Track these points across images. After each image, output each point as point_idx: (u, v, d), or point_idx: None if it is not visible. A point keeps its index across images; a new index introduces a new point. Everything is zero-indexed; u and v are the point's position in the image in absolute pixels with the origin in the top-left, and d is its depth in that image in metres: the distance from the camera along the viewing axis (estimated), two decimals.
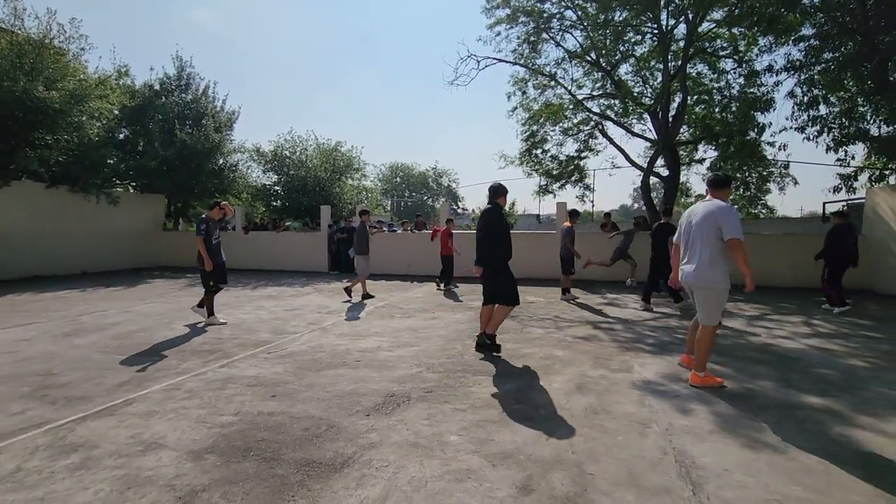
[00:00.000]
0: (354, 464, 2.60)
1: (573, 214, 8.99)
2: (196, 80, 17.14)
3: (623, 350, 5.13)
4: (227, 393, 3.75)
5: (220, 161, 17.09)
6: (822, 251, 7.88)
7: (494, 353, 4.89)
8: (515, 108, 15.60)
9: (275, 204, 19.07)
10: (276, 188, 18.89)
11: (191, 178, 15.92)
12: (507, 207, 26.12)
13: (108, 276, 12.70)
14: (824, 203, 13.52)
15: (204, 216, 6.46)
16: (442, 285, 10.24)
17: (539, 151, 15.70)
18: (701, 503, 2.21)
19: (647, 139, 15.11)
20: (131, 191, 17.04)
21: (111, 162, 14.17)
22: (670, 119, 13.23)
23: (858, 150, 10.74)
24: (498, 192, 5.07)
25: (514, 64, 14.77)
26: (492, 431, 3.02)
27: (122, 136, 15.65)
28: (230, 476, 2.48)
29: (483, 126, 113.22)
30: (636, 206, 56.40)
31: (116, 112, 14.71)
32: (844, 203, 13.17)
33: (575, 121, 15.28)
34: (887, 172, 10.51)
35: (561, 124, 15.27)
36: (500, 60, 14.76)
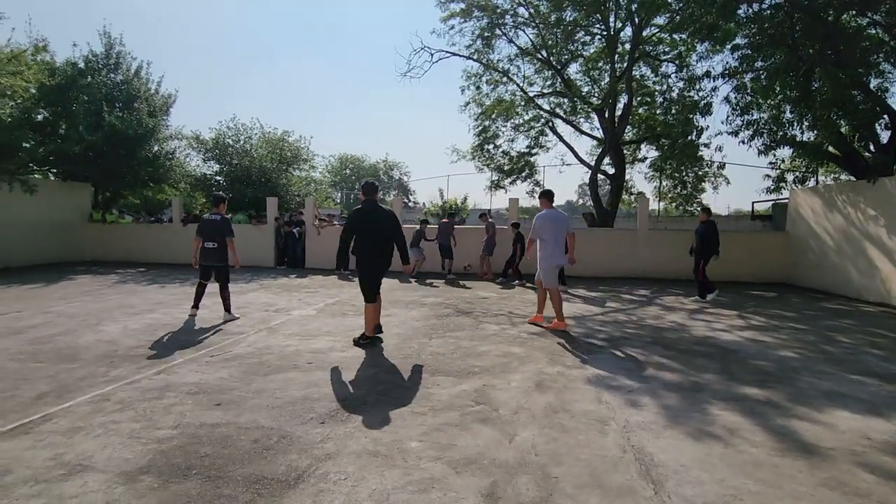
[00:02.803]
0: (310, 478, 2.44)
1: (452, 215, 11.59)
2: (127, 60, 15.84)
3: (577, 345, 5.22)
4: (166, 403, 3.44)
5: (155, 148, 15.94)
6: (705, 247, 8.25)
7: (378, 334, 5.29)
8: (468, 103, 15.65)
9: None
10: (218, 178, 17.86)
11: (121, 165, 14.71)
12: (458, 202, 26.34)
13: (25, 272, 11.51)
14: (753, 202, 14.53)
15: (226, 215, 6.65)
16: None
17: (491, 147, 15.84)
18: (663, 502, 2.24)
19: (594, 137, 15.59)
20: (52, 178, 15.55)
21: (27, 146, 12.82)
22: (616, 119, 13.69)
23: (787, 154, 11.57)
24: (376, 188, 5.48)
25: (468, 59, 14.77)
26: (454, 435, 2.94)
27: (40, 117, 14.18)
28: (169, 499, 2.25)
29: (435, 120, 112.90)
30: (580, 202, 58.30)
31: (33, 91, 13.29)
32: (772, 203, 14.15)
33: (526, 117, 15.53)
34: (809, 175, 11.40)
35: (512, 120, 15.48)
36: (454, 54, 14.71)
